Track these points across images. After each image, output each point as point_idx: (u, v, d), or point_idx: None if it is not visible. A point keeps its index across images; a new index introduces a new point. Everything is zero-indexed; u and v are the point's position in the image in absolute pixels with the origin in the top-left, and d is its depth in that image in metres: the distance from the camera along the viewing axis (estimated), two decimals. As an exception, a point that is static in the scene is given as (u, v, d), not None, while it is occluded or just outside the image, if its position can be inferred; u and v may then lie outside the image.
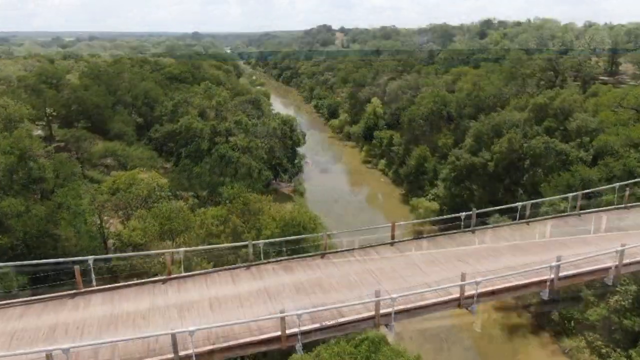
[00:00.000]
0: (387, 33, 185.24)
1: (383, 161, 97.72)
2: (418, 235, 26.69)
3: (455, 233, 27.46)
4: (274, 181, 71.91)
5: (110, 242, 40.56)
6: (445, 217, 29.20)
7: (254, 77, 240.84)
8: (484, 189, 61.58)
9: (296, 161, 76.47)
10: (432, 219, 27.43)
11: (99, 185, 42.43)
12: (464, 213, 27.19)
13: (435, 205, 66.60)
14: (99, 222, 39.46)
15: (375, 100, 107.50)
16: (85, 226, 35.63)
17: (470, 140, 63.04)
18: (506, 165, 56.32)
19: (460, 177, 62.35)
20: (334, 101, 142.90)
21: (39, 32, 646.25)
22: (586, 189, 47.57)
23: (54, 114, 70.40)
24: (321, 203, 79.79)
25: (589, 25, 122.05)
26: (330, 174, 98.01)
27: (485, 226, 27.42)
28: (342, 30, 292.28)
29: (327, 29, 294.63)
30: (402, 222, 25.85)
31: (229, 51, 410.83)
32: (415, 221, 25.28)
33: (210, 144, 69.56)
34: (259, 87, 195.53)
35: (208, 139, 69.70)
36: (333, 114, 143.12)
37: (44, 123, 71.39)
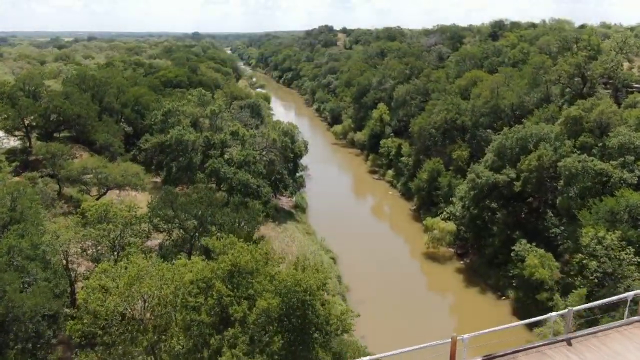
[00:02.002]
0: (392, 34, 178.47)
1: (390, 172, 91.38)
2: (490, 355, 16.60)
3: (542, 346, 17.33)
4: (273, 197, 65.54)
5: (79, 284, 34.35)
6: (528, 320, 20.34)
7: (254, 79, 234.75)
8: (506, 210, 55.23)
9: (298, 175, 70.10)
10: (507, 326, 16.17)
11: (67, 216, 36.14)
12: (554, 314, 18.03)
13: (451, 226, 60.25)
14: (64, 262, 33.17)
15: (381, 106, 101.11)
16: (44, 273, 29.28)
17: (491, 155, 56.66)
18: (535, 185, 49.96)
19: (481, 196, 55.99)
20: (337, 105, 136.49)
21: (39, 32, 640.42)
22: (634, 217, 41.42)
23: (33, 124, 64.12)
24: (325, 219, 73.55)
25: (608, 27, 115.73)
26: (334, 185, 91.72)
27: (583, 331, 18.30)
28: (344, 31, 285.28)
29: (328, 29, 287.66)
30: (465, 335, 14.95)
31: (229, 51, 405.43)
32: (486, 331, 15.28)
33: (204, 157, 63.39)
34: (259, 90, 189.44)
35: (201, 152, 63.52)
36: (336, 118, 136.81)
37: (22, 134, 65.10)
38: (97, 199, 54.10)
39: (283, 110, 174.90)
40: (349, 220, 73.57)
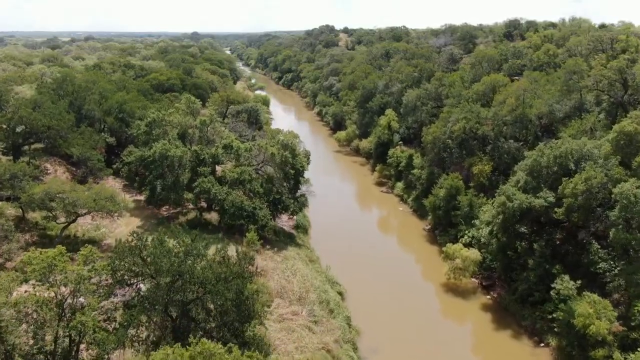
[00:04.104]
0: (397, 34, 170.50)
1: (400, 184, 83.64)
2: None
3: None
4: (271, 219, 57.54)
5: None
6: None
7: (253, 81, 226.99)
8: (544, 240, 47.50)
9: (299, 194, 62.27)
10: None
11: (29, 248, 28.30)
12: None
13: (475, 254, 52.51)
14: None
15: (389, 112, 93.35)
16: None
17: (523, 174, 48.96)
18: (582, 213, 42.26)
19: (511, 222, 48.28)
20: (340, 110, 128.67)
21: (39, 32, 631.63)
22: None
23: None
24: (329, 241, 65.70)
25: (629, 26, 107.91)
26: (339, 200, 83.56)
27: None
28: (346, 30, 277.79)
29: (329, 29, 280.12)
30: None
31: (228, 52, 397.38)
32: None
33: (192, 175, 55.69)
34: (258, 92, 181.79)
35: (189, 168, 55.78)
36: (339, 123, 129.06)
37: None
38: (66, 227, 46.58)
39: (283, 114, 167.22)
40: (356, 242, 65.74)
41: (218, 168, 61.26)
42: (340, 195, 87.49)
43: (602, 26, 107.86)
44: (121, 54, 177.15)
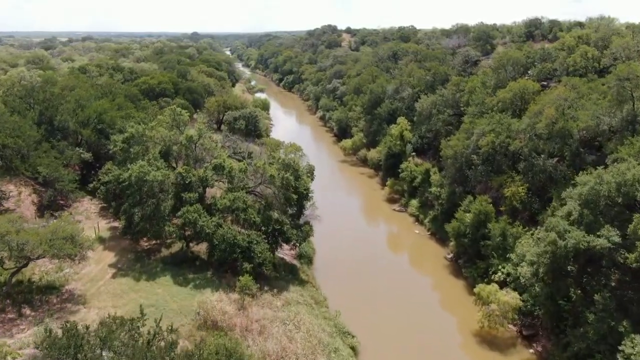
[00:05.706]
0: (405, 34, 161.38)
1: (415, 202, 74.76)
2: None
3: None
4: (270, 252, 48.66)
5: None
6: None
7: (252, 82, 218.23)
8: (598, 283, 38.89)
9: (302, 221, 53.42)
10: None
11: None
12: None
13: (515, 300, 43.75)
14: None
15: (402, 121, 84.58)
16: None
17: (576, 205, 40.22)
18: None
19: (563, 263, 39.54)
20: (345, 115, 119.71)
21: (38, 32, 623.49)
22: None
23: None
24: (336, 271, 57.16)
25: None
26: (346, 219, 74.28)
27: None
28: (349, 30, 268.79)
29: (332, 29, 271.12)
30: None
31: (228, 52, 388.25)
32: None
33: (176, 202, 46.92)
34: (257, 95, 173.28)
35: (173, 194, 47.01)
36: (344, 130, 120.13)
37: None
38: (16, 272, 37.87)
39: (284, 118, 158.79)
40: (367, 272, 57.06)
41: (208, 190, 52.62)
42: (347, 212, 78.66)
43: (629, 26, 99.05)
44: (113, 55, 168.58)
